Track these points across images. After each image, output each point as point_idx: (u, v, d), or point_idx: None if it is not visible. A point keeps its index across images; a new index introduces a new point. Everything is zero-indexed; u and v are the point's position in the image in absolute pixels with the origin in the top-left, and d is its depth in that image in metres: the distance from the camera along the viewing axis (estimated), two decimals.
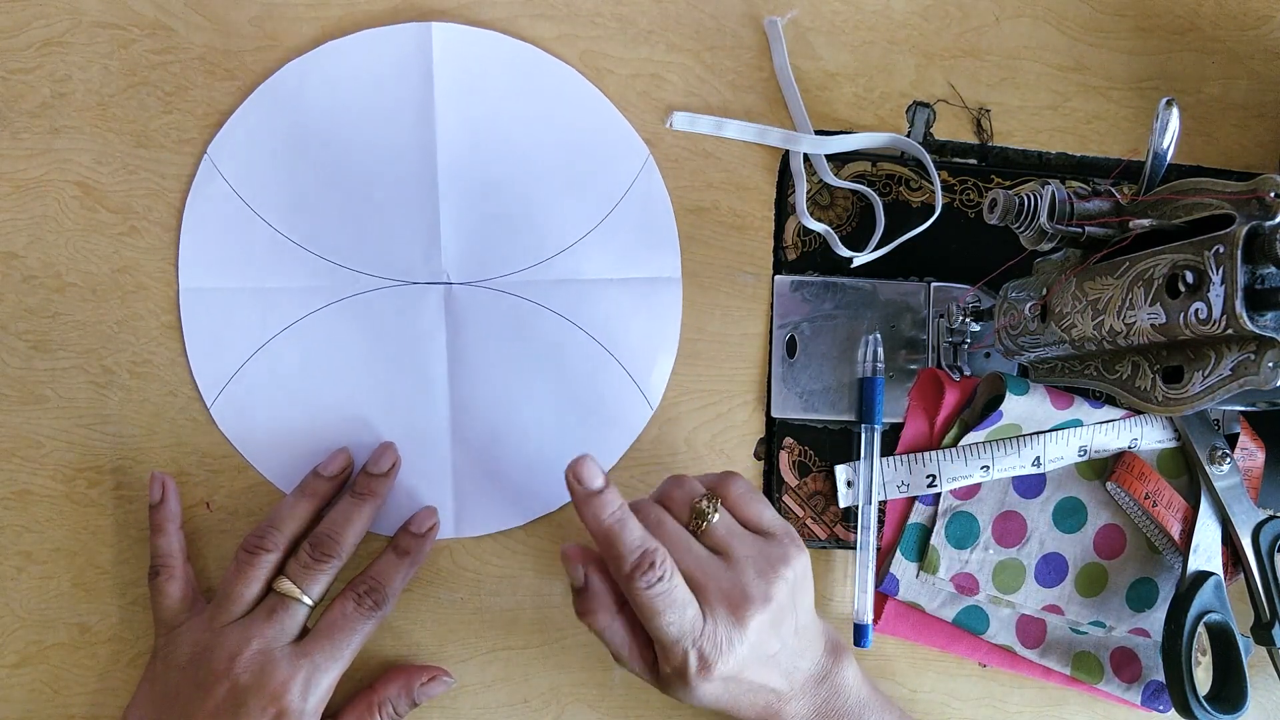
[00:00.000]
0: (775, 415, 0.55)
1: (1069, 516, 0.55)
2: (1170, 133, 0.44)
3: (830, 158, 0.55)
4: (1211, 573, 0.52)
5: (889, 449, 0.54)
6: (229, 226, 0.51)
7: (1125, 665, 0.56)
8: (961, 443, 0.53)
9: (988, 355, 0.55)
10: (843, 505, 0.55)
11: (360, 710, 0.49)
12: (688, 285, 0.54)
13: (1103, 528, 0.55)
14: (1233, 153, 0.59)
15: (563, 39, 0.53)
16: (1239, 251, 0.38)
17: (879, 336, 0.54)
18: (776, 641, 0.45)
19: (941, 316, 0.55)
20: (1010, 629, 0.55)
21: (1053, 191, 0.44)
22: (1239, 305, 0.38)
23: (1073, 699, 0.57)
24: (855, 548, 0.54)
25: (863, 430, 0.54)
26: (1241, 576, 0.53)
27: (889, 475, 0.54)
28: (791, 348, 0.55)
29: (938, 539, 0.54)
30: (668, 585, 0.43)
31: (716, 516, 0.46)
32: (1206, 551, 0.53)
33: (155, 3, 0.51)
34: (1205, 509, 0.53)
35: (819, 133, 0.55)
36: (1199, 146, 0.59)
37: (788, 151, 0.55)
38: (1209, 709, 0.51)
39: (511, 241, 0.53)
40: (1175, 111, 0.44)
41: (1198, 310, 0.39)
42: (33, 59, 0.50)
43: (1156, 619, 0.55)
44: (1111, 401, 0.54)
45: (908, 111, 0.56)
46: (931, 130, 0.56)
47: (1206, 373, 0.41)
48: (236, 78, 0.51)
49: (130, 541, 0.50)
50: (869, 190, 0.55)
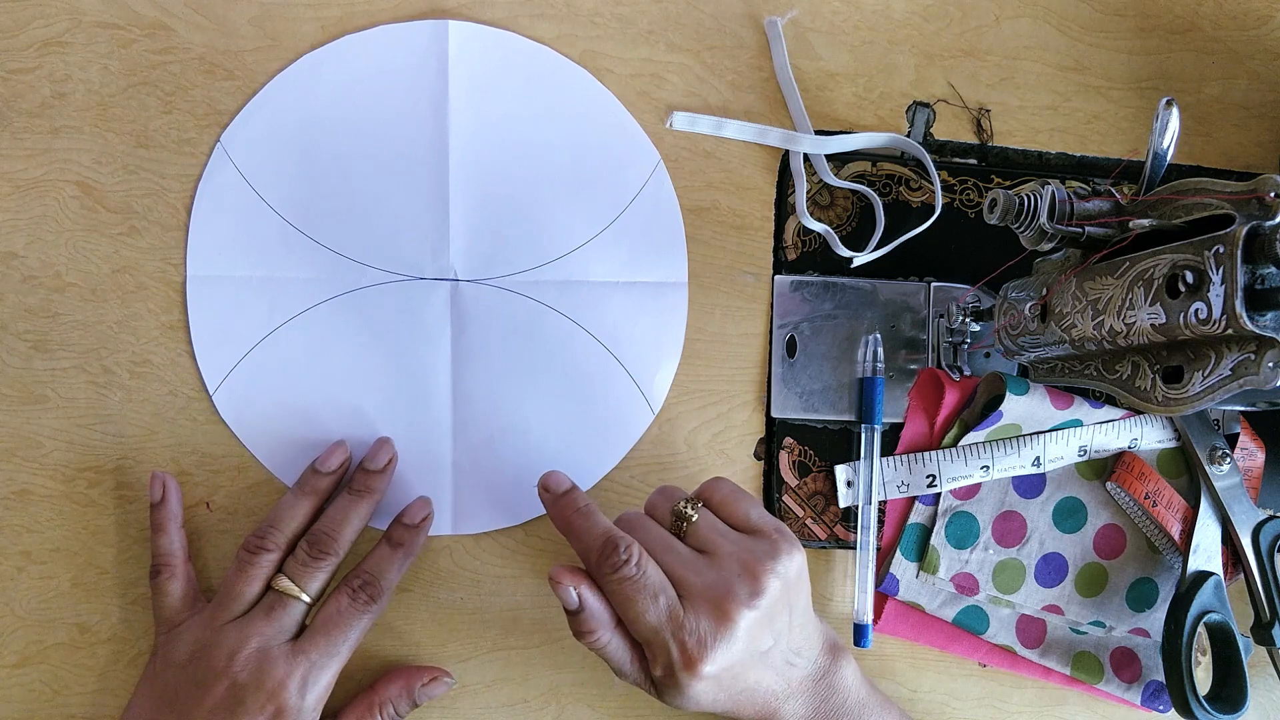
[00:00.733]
0: (775, 415, 0.55)
1: (1069, 516, 0.55)
2: (1170, 133, 0.44)
3: (830, 158, 0.55)
4: (1211, 573, 0.52)
5: (889, 449, 0.54)
6: (239, 216, 0.51)
7: (1125, 665, 0.56)
8: (961, 443, 0.53)
9: (988, 355, 0.55)
10: (843, 505, 0.55)
11: (361, 711, 0.49)
12: (689, 286, 0.54)
13: (1103, 528, 0.55)
14: (1233, 153, 0.59)
15: (563, 39, 0.53)
16: (1239, 251, 0.38)
17: (879, 336, 0.54)
18: (769, 637, 0.45)
19: (941, 316, 0.55)
20: (1010, 629, 0.55)
21: (1053, 191, 0.44)
22: (1239, 305, 0.38)
23: (1073, 699, 0.57)
24: (855, 548, 0.54)
25: (863, 430, 0.54)
26: (1241, 576, 0.53)
27: (889, 475, 0.54)
28: (791, 348, 0.55)
29: (938, 539, 0.54)
30: (635, 570, 0.43)
31: (697, 516, 0.46)
32: (1206, 551, 0.53)
33: (155, 3, 0.51)
34: (1205, 509, 0.53)
35: (819, 133, 0.55)
36: (1199, 146, 0.59)
37: (788, 151, 0.55)
38: (1209, 709, 0.51)
39: (520, 241, 0.53)
40: (1175, 111, 0.44)
41: (1198, 310, 0.39)
42: (33, 59, 0.50)
43: (1156, 619, 0.55)
44: (1111, 401, 0.54)
45: (908, 111, 0.56)
46: (931, 130, 0.56)
47: (1206, 373, 0.41)
48: (236, 78, 0.51)
49: (130, 541, 0.50)
50: (869, 190, 0.55)
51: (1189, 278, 0.40)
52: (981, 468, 0.53)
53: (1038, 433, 0.53)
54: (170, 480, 0.49)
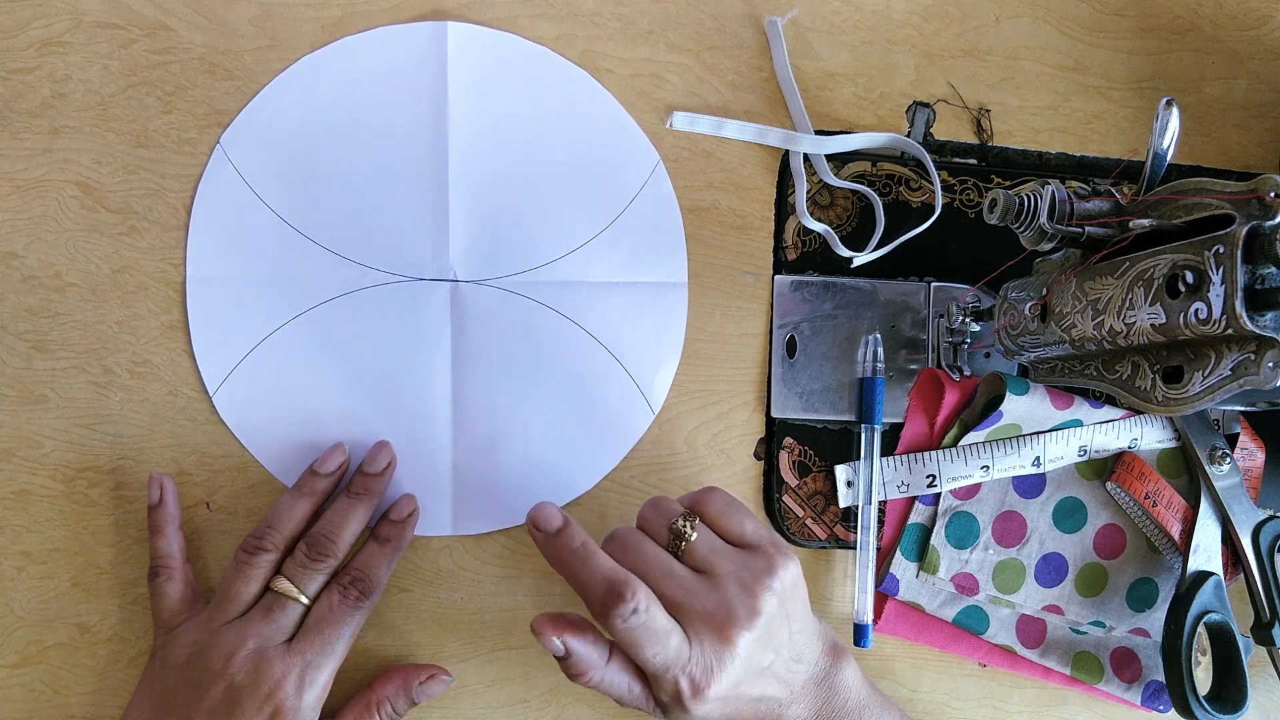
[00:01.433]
0: (775, 415, 0.55)
1: (1069, 516, 0.55)
2: (1170, 133, 0.44)
3: (830, 158, 0.55)
4: (1211, 573, 0.52)
5: (889, 449, 0.54)
6: (238, 217, 0.51)
7: (1125, 665, 0.56)
8: (961, 443, 0.53)
9: (988, 355, 0.55)
10: (843, 505, 0.55)
11: (359, 710, 0.49)
12: (689, 286, 0.54)
13: (1103, 528, 0.55)
14: (1233, 153, 0.59)
15: (562, 39, 0.53)
16: (1239, 251, 0.38)
17: (879, 336, 0.54)
18: (770, 653, 0.45)
19: (941, 316, 0.55)
20: (1010, 629, 0.55)
21: (1053, 191, 0.44)
22: (1239, 305, 0.38)
23: (1073, 699, 0.57)
24: (855, 548, 0.54)
25: (863, 430, 0.54)
26: (1241, 576, 0.53)
27: (889, 475, 0.54)
28: (791, 348, 0.55)
29: (938, 539, 0.54)
30: (644, 616, 0.42)
31: (695, 535, 0.45)
32: (1206, 551, 0.53)
33: (155, 3, 0.51)
34: (1205, 509, 0.53)
35: (819, 133, 0.55)
36: (1199, 146, 0.59)
37: (788, 151, 0.55)
38: (1209, 709, 0.51)
39: (519, 241, 0.53)
40: (1175, 111, 0.44)
41: (1198, 310, 0.39)
42: (33, 59, 0.50)
43: (1156, 619, 0.55)
44: (1111, 401, 0.54)
45: (908, 111, 0.56)
46: (931, 130, 0.56)
47: (1206, 373, 0.41)
48: (236, 78, 0.51)
49: (130, 542, 0.50)
50: (869, 190, 0.55)
51: (1189, 278, 0.40)
52: (981, 468, 0.53)
53: (1038, 433, 0.53)
54: (168, 482, 0.49)
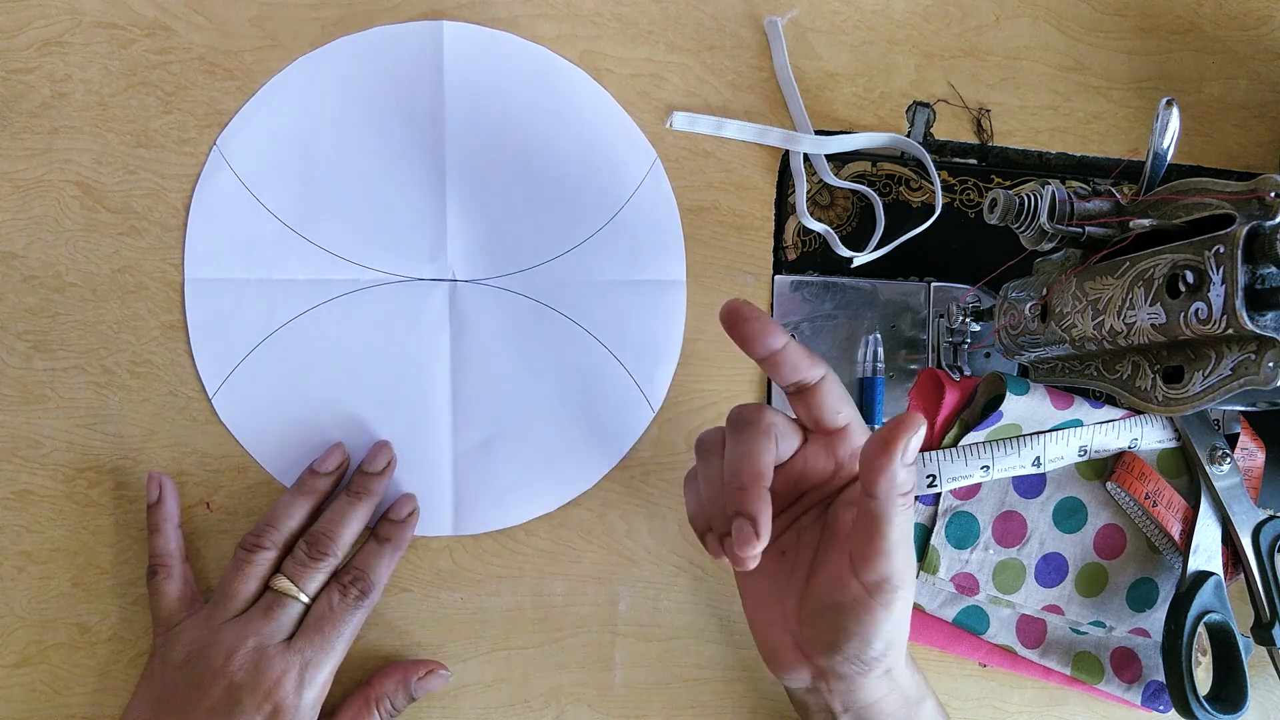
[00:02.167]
0: None
1: (1069, 516, 0.54)
2: (1170, 133, 0.44)
3: (830, 158, 0.55)
4: (1211, 573, 0.52)
5: None
6: (236, 218, 0.51)
7: (1125, 665, 0.56)
8: (961, 443, 0.53)
9: (988, 355, 0.55)
10: None
11: (357, 706, 0.49)
12: (688, 285, 0.54)
13: (1103, 528, 0.55)
14: (1233, 153, 0.59)
15: (562, 39, 0.53)
16: (1239, 251, 0.38)
17: (879, 336, 0.54)
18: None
19: (941, 316, 0.55)
20: (1010, 629, 0.55)
21: (1053, 191, 0.44)
22: (1239, 305, 0.38)
23: (1073, 699, 0.57)
24: None
25: None
26: (1241, 576, 0.53)
27: None
28: None
29: (938, 539, 0.54)
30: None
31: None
32: (1206, 551, 0.53)
33: (155, 3, 0.51)
34: (1205, 509, 0.53)
35: (819, 133, 0.55)
36: (1199, 146, 0.59)
37: (788, 151, 0.55)
38: (1209, 709, 0.51)
39: (517, 241, 0.53)
40: (1175, 111, 0.44)
41: (1198, 310, 0.39)
42: (33, 59, 0.50)
43: (1156, 619, 0.55)
44: (1111, 401, 0.53)
45: (908, 111, 0.56)
46: (931, 130, 0.56)
47: (1207, 373, 0.41)
48: (236, 78, 0.51)
49: (130, 541, 0.50)
50: (869, 190, 0.55)
51: (1189, 278, 0.40)
52: (981, 468, 0.53)
53: (1038, 433, 0.53)
54: (167, 481, 0.49)
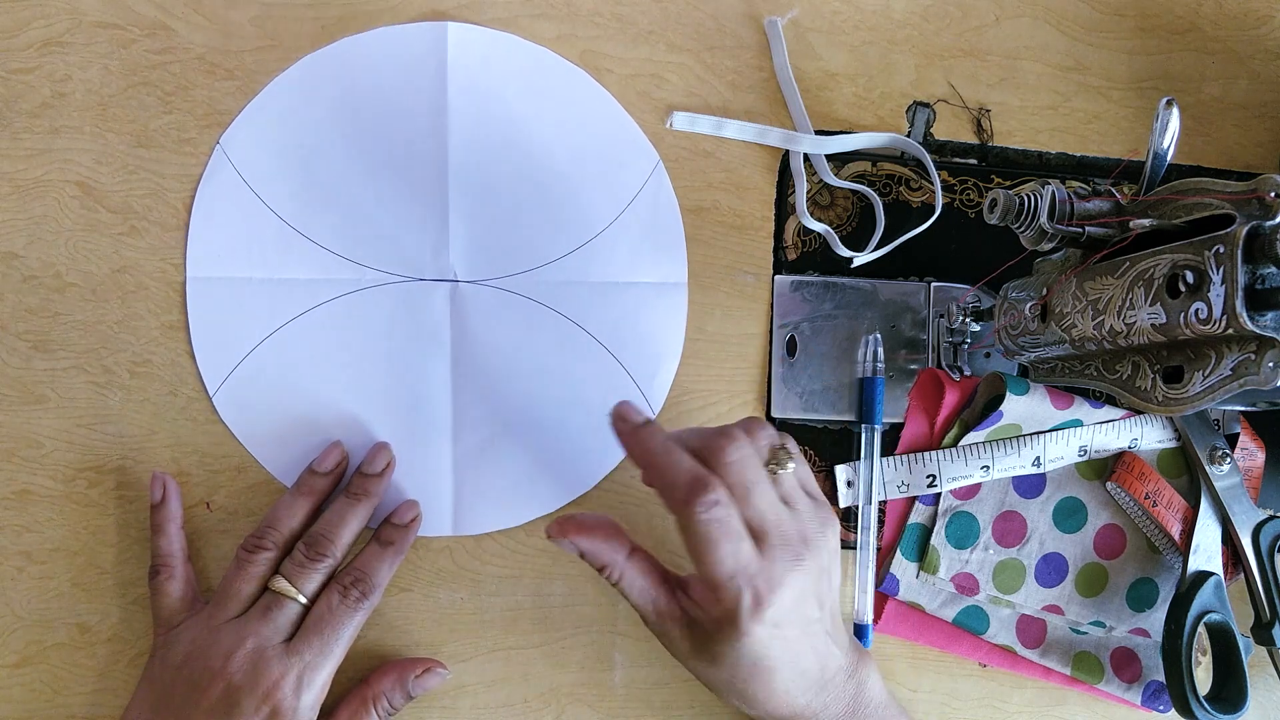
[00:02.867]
0: (775, 415, 0.55)
1: (1069, 516, 0.55)
2: (1170, 133, 0.44)
3: (830, 158, 0.55)
4: (1211, 573, 0.52)
5: (889, 449, 0.54)
6: (238, 217, 0.51)
7: (1125, 665, 0.56)
8: (961, 443, 0.53)
9: (988, 355, 0.55)
10: (843, 505, 0.55)
11: (355, 705, 0.49)
12: (688, 286, 0.54)
13: (1103, 528, 0.55)
14: (1233, 153, 0.59)
15: (562, 39, 0.53)
16: (1239, 251, 0.38)
17: (879, 336, 0.54)
18: (816, 607, 0.45)
19: (941, 316, 0.55)
20: (1010, 629, 0.55)
21: (1053, 191, 0.44)
22: (1239, 305, 0.38)
23: (1073, 699, 0.57)
24: (855, 548, 0.54)
25: (863, 430, 0.54)
26: (1241, 576, 0.53)
27: (889, 475, 0.54)
28: (791, 348, 0.55)
29: (938, 539, 0.54)
30: (726, 512, 0.42)
31: (791, 466, 0.45)
32: (1206, 551, 0.53)
33: (155, 3, 0.51)
34: (1205, 509, 0.53)
35: (819, 133, 0.55)
36: (1199, 146, 0.59)
37: (788, 151, 0.55)
38: (1209, 709, 0.51)
39: (519, 242, 0.53)
40: (1175, 111, 0.44)
41: (1198, 310, 0.39)
42: (33, 59, 0.50)
43: (1156, 619, 0.55)
44: (1111, 401, 0.54)
45: (908, 111, 0.56)
46: (931, 130, 0.56)
47: (1207, 373, 0.41)
48: (236, 78, 0.51)
49: (130, 541, 0.50)
50: (869, 190, 0.55)
51: (1189, 278, 0.40)
52: (981, 468, 0.53)
53: (1038, 433, 0.53)
54: (170, 481, 0.49)
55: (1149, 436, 0.54)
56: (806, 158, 0.55)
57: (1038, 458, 0.53)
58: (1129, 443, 0.54)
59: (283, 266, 0.51)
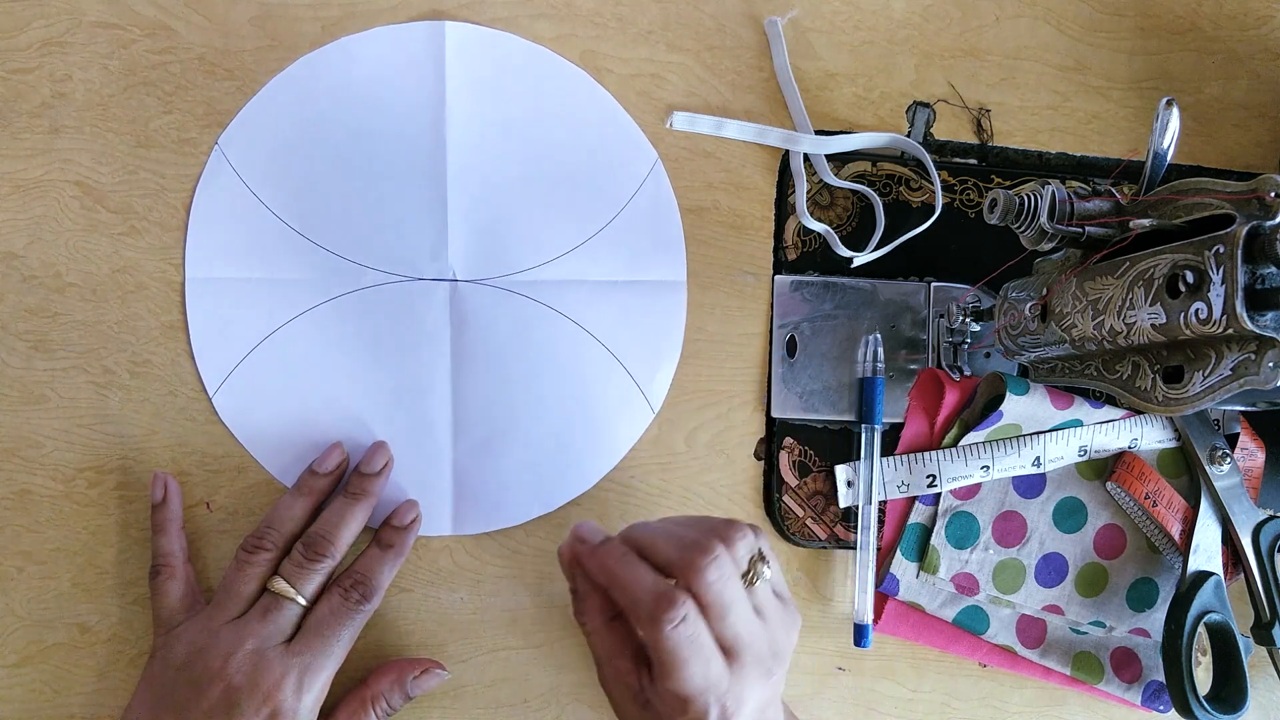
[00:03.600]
0: (775, 415, 0.55)
1: (1069, 516, 0.55)
2: (1170, 133, 0.44)
3: (830, 158, 0.55)
4: (1211, 573, 0.52)
5: (889, 449, 0.54)
6: (237, 217, 0.51)
7: (1125, 665, 0.56)
8: (961, 443, 0.53)
9: (988, 355, 0.55)
10: (843, 505, 0.55)
11: (354, 706, 0.49)
12: (688, 286, 0.54)
13: (1103, 528, 0.55)
14: (1233, 153, 0.59)
15: (562, 39, 0.53)
16: (1239, 251, 0.38)
17: (879, 336, 0.54)
18: (776, 711, 0.45)
19: (941, 316, 0.55)
20: (1010, 629, 0.55)
21: (1053, 191, 0.44)
22: (1239, 305, 0.38)
23: (1073, 699, 0.57)
24: (855, 548, 0.54)
25: (863, 430, 0.54)
26: (1241, 576, 0.53)
27: (889, 475, 0.54)
28: (791, 348, 0.55)
29: (938, 539, 0.54)
30: (694, 629, 0.41)
31: (769, 574, 0.44)
32: (1206, 551, 0.53)
33: (155, 3, 0.51)
34: (1205, 509, 0.53)
35: (819, 133, 0.55)
36: (1199, 146, 0.59)
37: (788, 151, 0.55)
38: (1209, 709, 0.51)
39: (518, 241, 0.53)
40: (1175, 111, 0.44)
41: (1198, 310, 0.39)
42: (33, 59, 0.50)
43: (1156, 619, 0.55)
44: (1111, 401, 0.54)
45: (908, 111, 0.56)
46: (931, 130, 0.56)
47: (1207, 373, 0.41)
48: (236, 78, 0.51)
49: (130, 541, 0.50)
50: (869, 190, 0.55)
51: (1189, 278, 0.40)
52: (981, 468, 0.53)
53: (1038, 433, 0.53)
54: (172, 481, 0.49)
55: (1149, 436, 0.54)
56: (806, 158, 0.55)
57: (1038, 458, 0.53)
58: (1129, 443, 0.54)
59: (282, 266, 0.51)
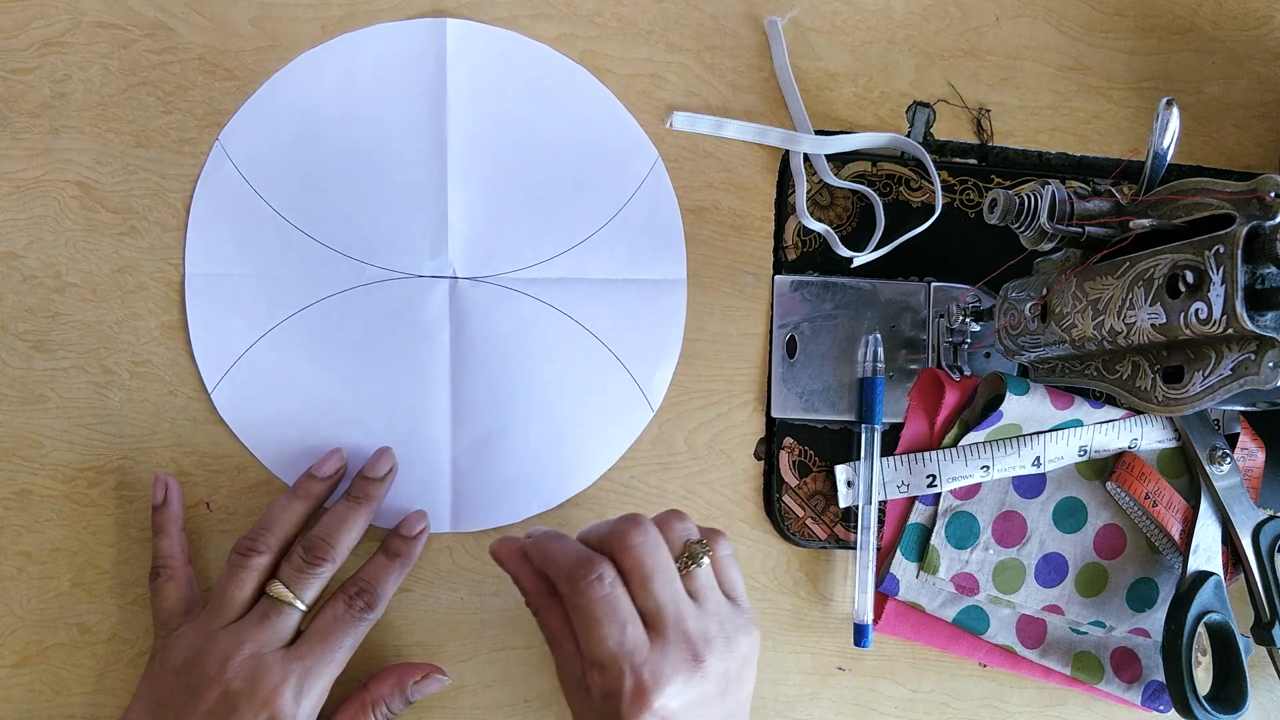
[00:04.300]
0: (775, 415, 0.55)
1: (1069, 516, 0.55)
2: (1170, 133, 0.44)
3: (830, 158, 0.55)
4: (1211, 573, 0.52)
5: (889, 449, 0.54)
6: (237, 213, 0.51)
7: (1125, 665, 0.56)
8: (961, 443, 0.53)
9: (988, 355, 0.55)
10: (843, 505, 0.55)
11: (354, 710, 0.49)
12: (688, 285, 0.54)
13: (1103, 528, 0.55)
14: (1233, 153, 0.59)
15: (562, 39, 0.53)
16: (1239, 251, 0.38)
17: (879, 336, 0.54)
18: (716, 712, 0.43)
19: (941, 316, 0.55)
20: (1010, 629, 0.55)
21: (1053, 191, 0.44)
22: (1239, 305, 0.38)
23: (1073, 699, 0.57)
24: (855, 548, 0.54)
25: (863, 430, 0.54)
26: (1241, 576, 0.53)
27: (889, 475, 0.54)
28: (791, 348, 0.55)
29: (938, 539, 0.54)
30: (611, 590, 0.41)
31: (706, 563, 0.44)
32: (1206, 551, 0.53)
33: (155, 3, 0.51)
34: (1205, 509, 0.53)
35: (819, 133, 0.55)
36: (1199, 146, 0.59)
37: (788, 151, 0.55)
38: (1209, 709, 0.51)
39: (518, 238, 0.53)
40: (1175, 111, 0.44)
41: (1198, 310, 0.39)
42: (33, 59, 0.50)
43: (1156, 619, 0.55)
44: (1111, 401, 0.54)
45: (908, 111, 0.56)
46: (931, 130, 0.56)
47: (1207, 373, 0.41)
48: (236, 78, 0.51)
49: (130, 542, 0.50)
50: (869, 190, 0.55)
51: (1189, 278, 0.40)
52: (981, 468, 0.53)
53: (1038, 433, 0.53)
54: (172, 482, 0.49)
55: (1149, 436, 0.54)
56: (806, 158, 0.55)
57: (1038, 458, 0.53)
58: (1129, 443, 0.54)
59: (282, 263, 0.51)
